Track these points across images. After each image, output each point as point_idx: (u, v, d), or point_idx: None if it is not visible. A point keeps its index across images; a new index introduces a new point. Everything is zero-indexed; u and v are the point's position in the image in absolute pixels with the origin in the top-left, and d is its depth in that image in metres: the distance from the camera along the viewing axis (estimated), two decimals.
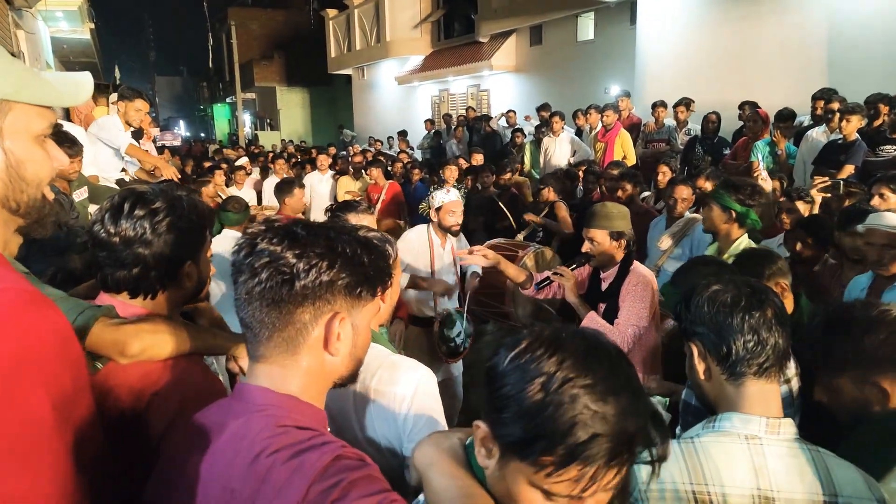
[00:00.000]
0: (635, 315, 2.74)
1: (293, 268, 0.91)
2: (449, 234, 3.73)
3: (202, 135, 40.58)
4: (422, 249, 3.71)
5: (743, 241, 2.97)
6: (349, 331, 0.98)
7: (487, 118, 11.13)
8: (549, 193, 5.78)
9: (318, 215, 7.48)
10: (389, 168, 8.61)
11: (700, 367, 1.29)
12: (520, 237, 5.56)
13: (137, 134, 5.06)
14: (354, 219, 2.59)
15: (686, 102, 7.46)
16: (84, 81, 1.05)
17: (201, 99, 46.31)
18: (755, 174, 4.13)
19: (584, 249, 2.89)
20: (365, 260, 0.97)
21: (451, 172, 6.70)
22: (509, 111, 10.93)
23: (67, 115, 6.46)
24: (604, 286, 2.92)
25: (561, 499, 0.82)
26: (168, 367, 1.27)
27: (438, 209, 3.65)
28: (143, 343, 1.22)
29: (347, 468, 0.86)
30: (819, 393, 1.49)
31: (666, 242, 3.83)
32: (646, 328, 2.75)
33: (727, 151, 6.73)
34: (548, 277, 2.94)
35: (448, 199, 3.63)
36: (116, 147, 4.82)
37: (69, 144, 3.48)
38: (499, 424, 0.84)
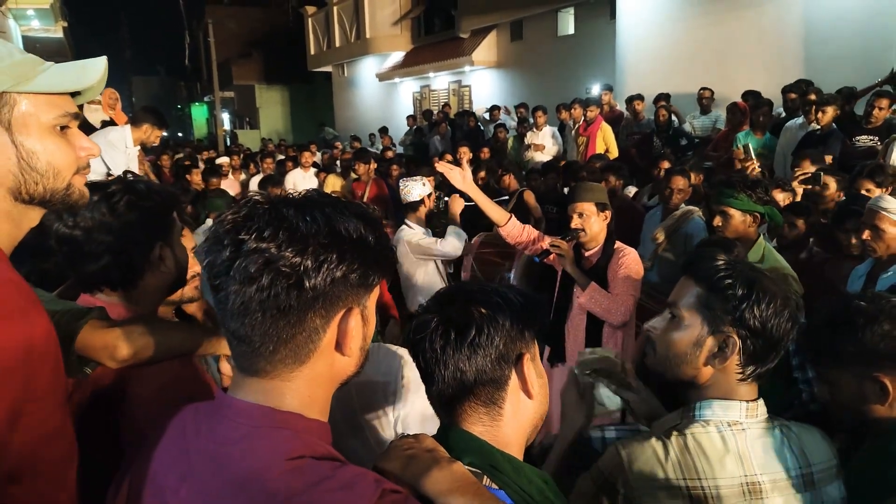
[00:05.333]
0: (632, 286, 2.88)
1: (299, 267, 0.75)
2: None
3: (180, 134, 40.07)
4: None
5: (762, 245, 2.77)
6: (360, 323, 0.84)
7: (469, 113, 11.12)
8: (510, 181, 5.80)
9: None
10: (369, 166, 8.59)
11: (719, 355, 1.24)
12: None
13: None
14: None
15: (665, 97, 7.57)
16: (89, 65, 0.99)
17: (179, 98, 45.76)
18: (747, 164, 4.14)
19: (573, 225, 2.95)
20: (371, 240, 0.81)
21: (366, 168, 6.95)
22: (494, 108, 10.90)
23: None
24: (587, 263, 3.03)
25: None
26: (160, 370, 1.22)
27: (421, 202, 3.79)
28: (135, 346, 1.18)
29: None
30: (822, 391, 1.47)
31: (660, 235, 3.85)
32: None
33: (684, 142, 6.80)
34: (547, 250, 2.97)
35: (426, 191, 3.84)
36: (108, 169, 4.40)
37: None
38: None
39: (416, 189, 3.79)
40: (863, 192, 3.51)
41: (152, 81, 55.32)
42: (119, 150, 4.46)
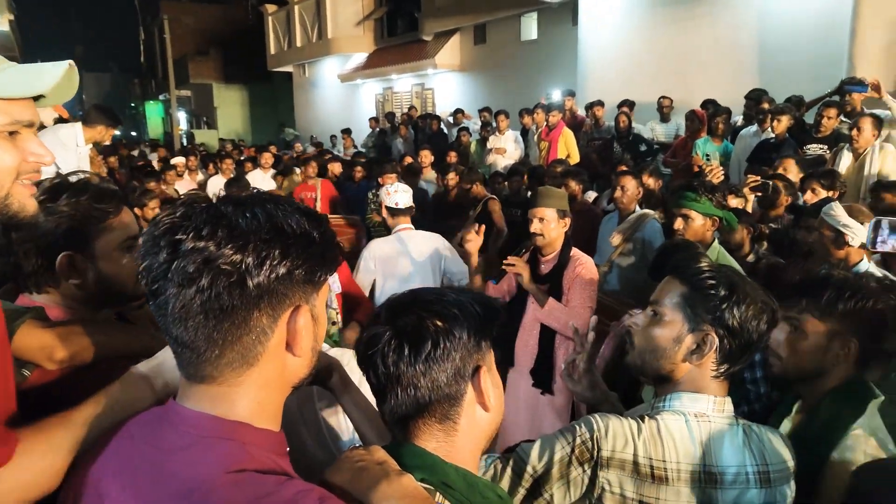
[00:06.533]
0: (588, 297, 2.91)
1: (240, 265, 0.72)
2: None
3: (133, 134, 38.98)
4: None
5: (716, 248, 2.88)
6: (310, 323, 0.81)
7: (433, 116, 11.12)
8: (478, 189, 5.80)
9: None
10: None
11: (697, 351, 1.30)
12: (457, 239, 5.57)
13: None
14: None
15: (629, 104, 7.70)
16: (46, 69, 0.92)
17: (133, 96, 44.53)
18: (708, 169, 4.24)
19: (532, 230, 2.96)
20: (316, 235, 0.78)
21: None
22: (457, 111, 10.92)
23: None
24: (543, 268, 3.04)
25: None
26: (103, 371, 1.16)
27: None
28: (74, 347, 1.14)
29: None
30: (779, 344, 1.53)
31: (617, 238, 3.90)
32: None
33: (644, 148, 6.94)
34: (502, 270, 2.97)
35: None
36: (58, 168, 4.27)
37: None
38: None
39: (408, 197, 3.71)
40: (809, 192, 3.66)
41: (104, 78, 53.73)
42: (70, 149, 4.28)
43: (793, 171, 4.35)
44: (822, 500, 1.38)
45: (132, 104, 44.32)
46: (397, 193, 3.66)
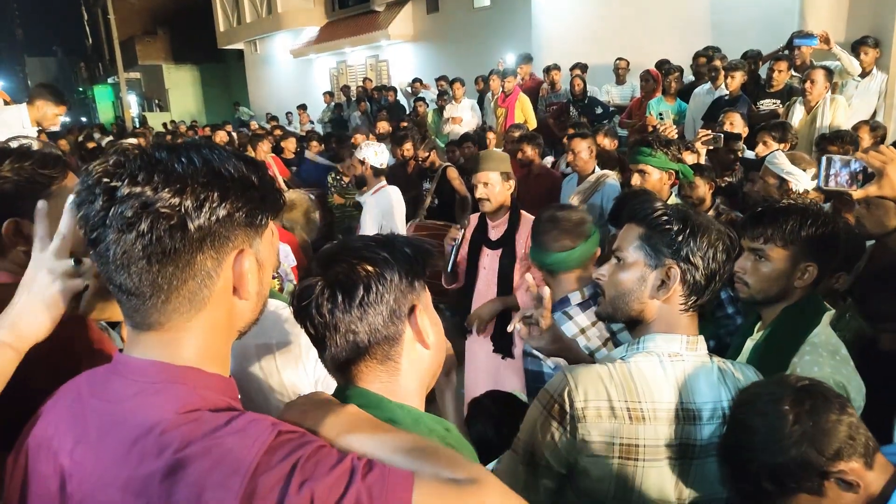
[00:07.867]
0: None
1: (179, 208, 0.72)
2: None
3: (83, 119, 37.66)
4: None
5: (674, 202, 2.88)
6: (255, 267, 0.82)
7: (389, 88, 10.93)
8: (434, 157, 5.75)
9: None
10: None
11: (662, 287, 1.31)
12: (423, 212, 5.51)
13: None
14: None
15: (582, 67, 7.63)
16: None
17: (80, 80, 42.93)
18: (662, 128, 4.22)
19: (478, 195, 2.93)
20: (255, 179, 0.79)
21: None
22: (415, 80, 10.75)
23: None
24: (493, 234, 3.01)
25: None
26: (55, 335, 1.15)
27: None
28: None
29: (294, 444, 0.73)
30: (743, 263, 1.65)
31: (576, 200, 3.89)
32: None
33: (600, 110, 6.91)
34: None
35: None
36: None
37: None
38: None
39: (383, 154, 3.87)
40: (761, 144, 3.69)
41: (49, 62, 51.67)
42: (15, 131, 4.16)
43: (738, 125, 4.39)
44: None
45: (80, 88, 42.75)
46: (383, 153, 3.84)
